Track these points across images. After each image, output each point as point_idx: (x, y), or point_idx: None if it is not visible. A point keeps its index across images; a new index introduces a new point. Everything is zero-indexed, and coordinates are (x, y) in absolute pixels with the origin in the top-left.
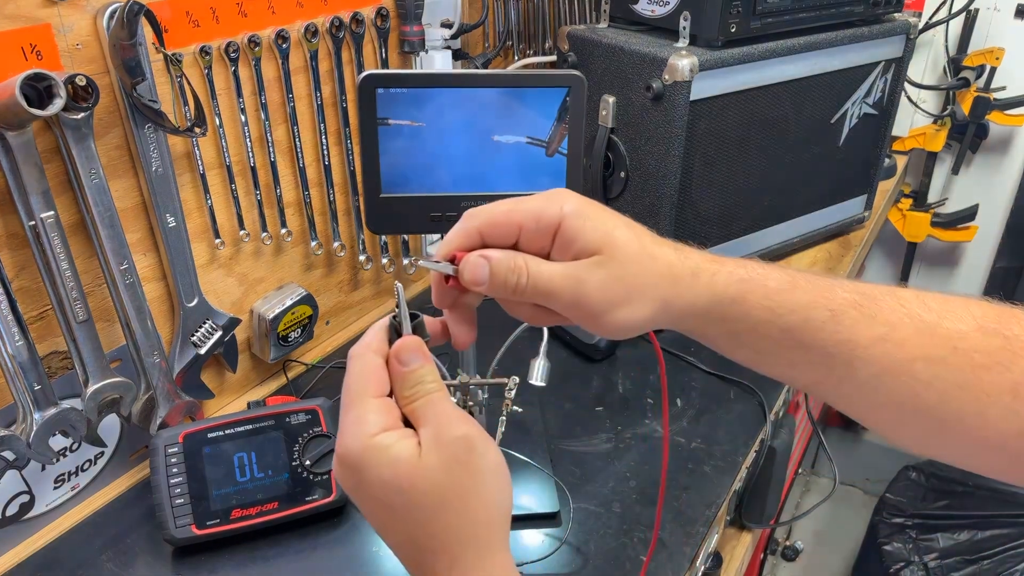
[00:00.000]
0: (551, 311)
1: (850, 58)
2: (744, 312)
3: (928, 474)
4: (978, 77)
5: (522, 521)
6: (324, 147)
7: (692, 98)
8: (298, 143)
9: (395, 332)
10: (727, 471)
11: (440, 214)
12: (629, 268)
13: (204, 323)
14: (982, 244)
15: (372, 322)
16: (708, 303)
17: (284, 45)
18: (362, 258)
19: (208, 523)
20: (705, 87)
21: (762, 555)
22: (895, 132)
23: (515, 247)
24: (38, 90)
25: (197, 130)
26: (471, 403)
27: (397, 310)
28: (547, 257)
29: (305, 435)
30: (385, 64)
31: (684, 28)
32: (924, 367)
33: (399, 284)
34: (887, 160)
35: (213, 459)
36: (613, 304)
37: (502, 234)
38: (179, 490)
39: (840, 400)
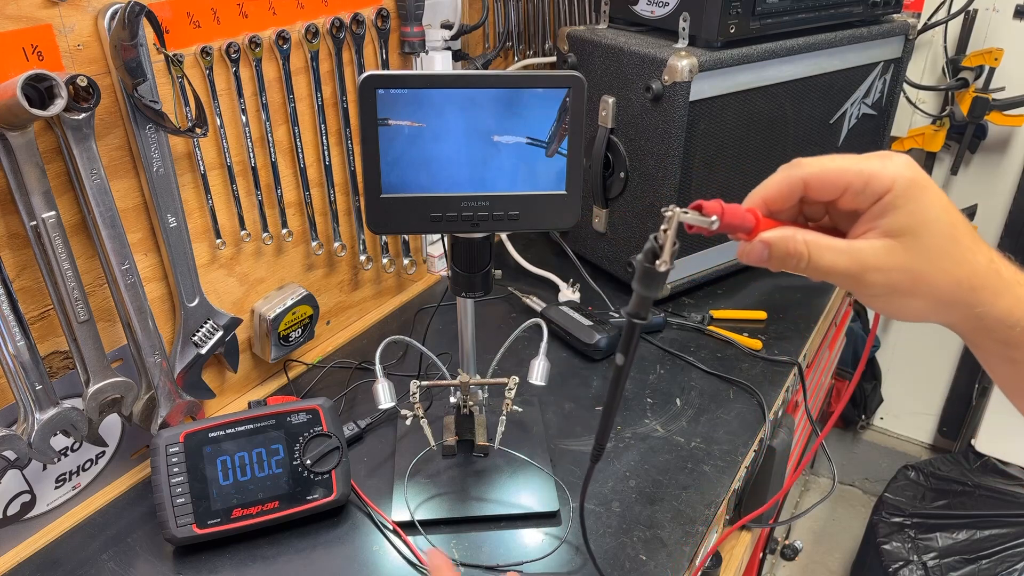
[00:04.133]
0: None
1: (849, 59)
2: None
3: (927, 474)
4: (977, 78)
5: (522, 520)
6: (325, 147)
7: (691, 99)
8: (299, 143)
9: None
10: (727, 470)
11: (440, 214)
12: (925, 265)
13: (205, 323)
14: None
15: (372, 322)
16: (1000, 324)
17: (285, 46)
18: (363, 258)
19: (209, 522)
20: (704, 88)
21: (761, 554)
22: (894, 132)
23: (834, 202)
24: (39, 90)
25: (198, 130)
26: (471, 403)
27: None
28: (857, 215)
29: (306, 435)
30: (385, 65)
31: (683, 29)
32: None
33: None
34: None
35: (214, 458)
36: (894, 292)
37: (828, 189)
38: (180, 489)
39: None
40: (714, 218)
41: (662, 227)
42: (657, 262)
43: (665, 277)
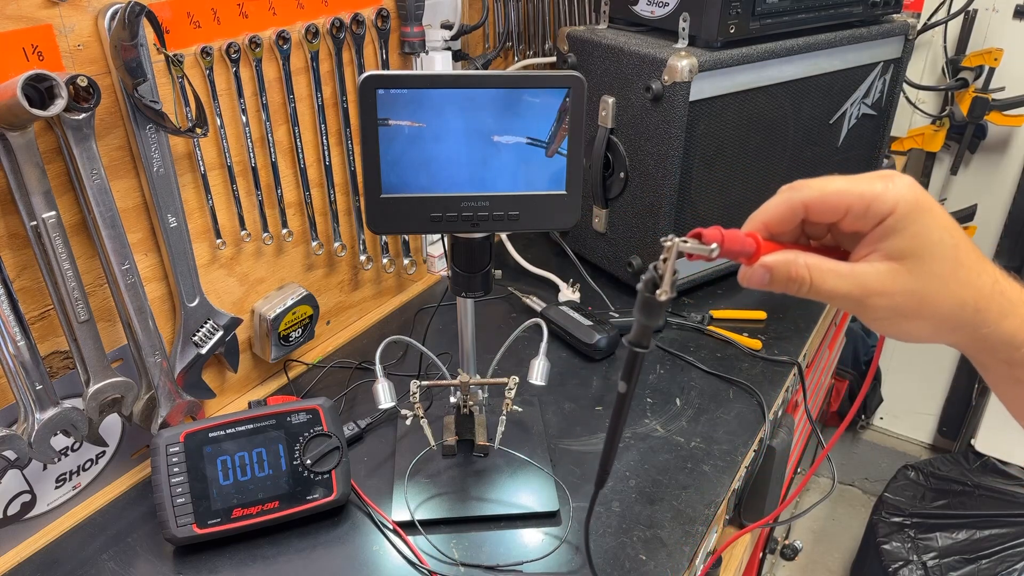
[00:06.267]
0: None
1: (849, 59)
2: None
3: (927, 474)
4: (976, 78)
5: (522, 520)
6: (325, 147)
7: (691, 99)
8: (299, 143)
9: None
10: (726, 470)
11: (440, 214)
12: (928, 287)
13: (205, 323)
14: (981, 244)
15: (372, 322)
16: (1005, 344)
17: (285, 46)
18: (363, 258)
19: (209, 522)
20: (704, 88)
21: (761, 554)
22: (894, 132)
23: (836, 223)
24: (39, 91)
25: (198, 131)
26: (471, 403)
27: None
28: (860, 235)
29: (306, 434)
30: (386, 65)
31: (683, 29)
32: None
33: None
34: (886, 160)
35: (214, 458)
36: (898, 316)
37: (829, 212)
38: (180, 489)
39: None
40: (714, 246)
41: (661, 257)
42: (657, 292)
43: (666, 306)
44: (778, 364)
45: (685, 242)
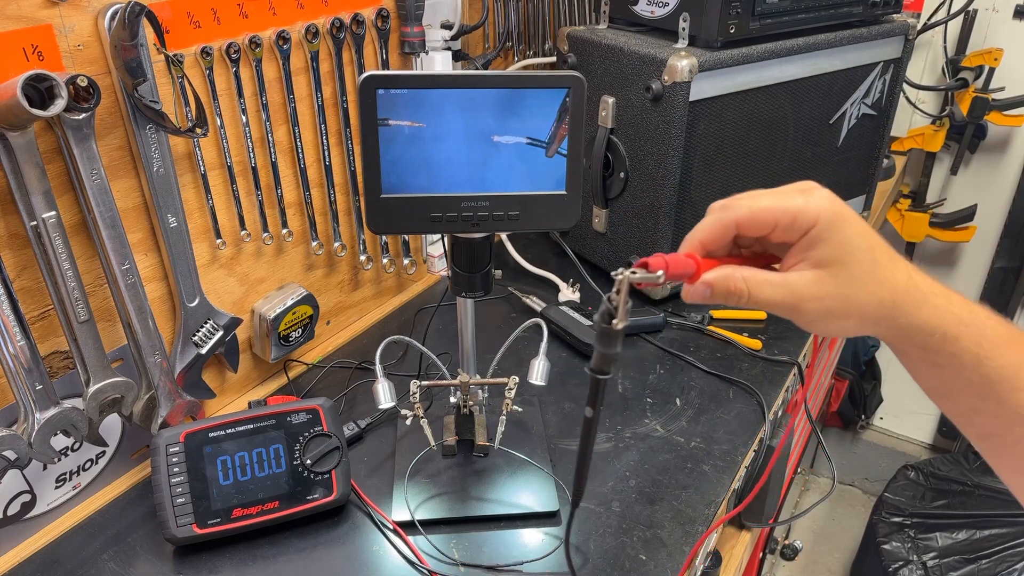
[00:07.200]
0: None
1: (849, 59)
2: (953, 352)
3: (927, 473)
4: (976, 78)
5: (522, 520)
6: (325, 147)
7: (691, 99)
8: (299, 143)
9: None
10: (726, 470)
11: (440, 214)
12: (852, 289)
13: (205, 323)
14: (981, 244)
15: (372, 322)
16: (920, 332)
17: (285, 46)
18: (363, 258)
19: (209, 522)
20: (704, 88)
21: (761, 554)
22: (894, 132)
23: (765, 237)
24: (39, 91)
25: (198, 131)
26: (471, 403)
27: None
28: (787, 245)
29: (306, 434)
30: (386, 65)
31: (683, 29)
32: None
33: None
34: (886, 160)
35: (214, 458)
36: (828, 317)
37: (758, 227)
38: (180, 489)
39: (1004, 458)
40: (660, 273)
41: (614, 289)
42: (613, 322)
43: (622, 334)
44: (778, 364)
45: (634, 273)
